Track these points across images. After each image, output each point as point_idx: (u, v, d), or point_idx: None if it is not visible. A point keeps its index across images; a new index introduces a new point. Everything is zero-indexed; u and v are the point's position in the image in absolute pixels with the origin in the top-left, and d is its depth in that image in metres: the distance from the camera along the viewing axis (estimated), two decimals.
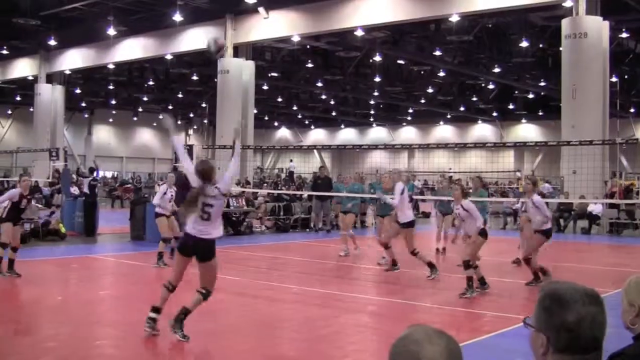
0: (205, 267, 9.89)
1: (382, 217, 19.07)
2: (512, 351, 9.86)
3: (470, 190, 18.99)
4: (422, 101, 63.61)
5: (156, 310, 9.98)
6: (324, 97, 66.33)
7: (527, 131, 70.43)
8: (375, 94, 59.70)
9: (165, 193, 18.37)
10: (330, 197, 28.53)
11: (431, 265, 16.23)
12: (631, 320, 3.60)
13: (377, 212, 20.18)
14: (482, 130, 74.45)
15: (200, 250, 9.83)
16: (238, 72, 39.73)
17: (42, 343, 9.54)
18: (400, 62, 50.52)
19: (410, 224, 16.19)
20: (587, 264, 20.49)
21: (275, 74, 53.65)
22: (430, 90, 58.87)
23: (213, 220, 9.92)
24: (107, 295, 14.15)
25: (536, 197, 15.08)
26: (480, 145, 60.27)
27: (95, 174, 28.40)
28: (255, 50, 42.45)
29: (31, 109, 57.06)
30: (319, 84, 56.34)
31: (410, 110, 72.17)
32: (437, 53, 44.20)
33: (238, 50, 40.20)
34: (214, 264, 9.96)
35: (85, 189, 25.69)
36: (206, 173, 10.09)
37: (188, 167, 10.53)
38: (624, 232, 30.99)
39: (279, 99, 66.72)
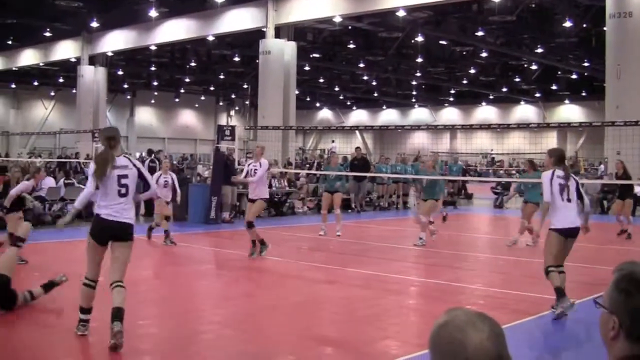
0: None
1: (425, 200, 18.99)
2: (555, 333, 9.78)
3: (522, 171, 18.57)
4: (464, 82, 63.23)
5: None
6: (365, 78, 66.14)
7: (570, 112, 69.68)
8: (417, 74, 59.39)
9: (157, 180, 18.27)
10: (366, 178, 28.51)
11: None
12: None
13: (421, 196, 19.85)
14: (525, 111, 73.79)
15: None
16: (280, 53, 39.61)
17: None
18: (443, 42, 50.12)
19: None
20: (631, 246, 20.29)
21: (317, 55, 53.45)
22: (472, 71, 58.40)
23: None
24: (149, 275, 14.23)
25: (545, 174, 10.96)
26: (523, 126, 59.62)
27: (153, 155, 28.62)
28: (297, 31, 42.23)
29: (74, 91, 57.29)
30: (361, 65, 56.09)
31: (452, 91, 71.80)
32: (480, 33, 43.82)
33: (280, 31, 40.05)
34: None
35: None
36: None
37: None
38: None
39: (321, 80, 66.66)
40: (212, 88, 75.69)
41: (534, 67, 58.14)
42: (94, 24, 46.34)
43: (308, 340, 9.25)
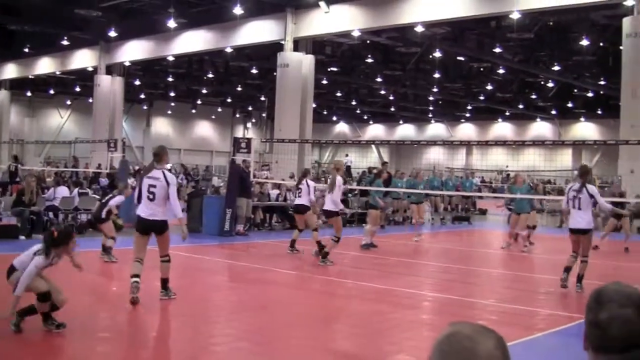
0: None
1: (518, 214, 21.81)
2: (566, 348, 9.80)
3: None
4: (481, 98, 63.14)
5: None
6: (383, 92, 66.12)
7: (585, 130, 69.69)
8: (435, 90, 59.42)
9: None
10: (389, 193, 28.44)
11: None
12: None
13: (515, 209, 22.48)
14: (541, 129, 73.81)
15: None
16: (298, 66, 39.62)
17: (97, 332, 9.68)
18: (460, 58, 50.17)
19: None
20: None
21: (335, 69, 53.58)
22: (489, 87, 58.49)
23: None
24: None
25: None
26: (538, 143, 59.58)
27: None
28: (315, 45, 42.25)
29: (90, 100, 57.39)
30: (379, 79, 56.10)
31: (469, 107, 71.72)
32: (497, 50, 43.91)
33: (298, 44, 40.12)
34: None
35: None
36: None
37: None
38: None
39: (338, 94, 66.77)
40: (229, 100, 75.90)
41: (550, 84, 58.07)
42: (112, 34, 46.40)
43: (322, 354, 9.29)
